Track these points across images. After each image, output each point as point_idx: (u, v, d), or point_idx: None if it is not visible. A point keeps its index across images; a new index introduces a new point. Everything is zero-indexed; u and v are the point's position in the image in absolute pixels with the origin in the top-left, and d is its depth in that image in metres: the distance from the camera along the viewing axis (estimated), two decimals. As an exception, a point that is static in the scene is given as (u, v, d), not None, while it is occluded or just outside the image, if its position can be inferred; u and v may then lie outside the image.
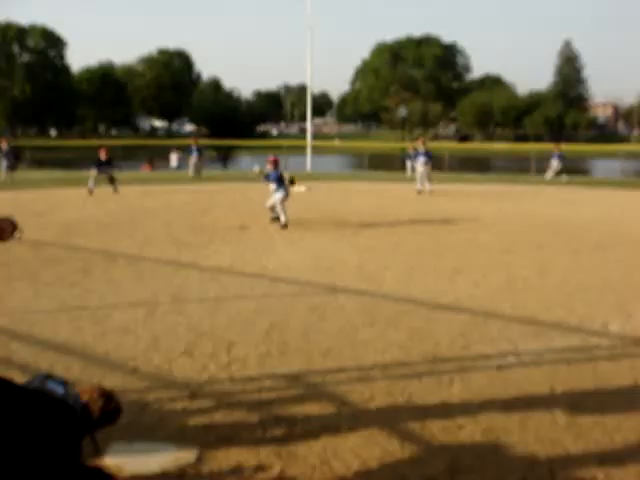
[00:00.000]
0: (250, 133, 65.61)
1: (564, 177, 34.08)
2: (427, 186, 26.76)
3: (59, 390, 3.05)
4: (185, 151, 41.15)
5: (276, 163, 17.14)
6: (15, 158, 33.36)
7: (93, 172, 26.29)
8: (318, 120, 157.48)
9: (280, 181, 16.93)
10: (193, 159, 35.62)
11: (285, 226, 16.55)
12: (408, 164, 36.70)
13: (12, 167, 32.27)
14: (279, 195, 16.88)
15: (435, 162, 28.65)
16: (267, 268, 11.93)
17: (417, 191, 26.88)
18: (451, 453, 4.96)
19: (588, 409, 5.77)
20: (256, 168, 17.90)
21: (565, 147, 45.00)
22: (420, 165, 27.43)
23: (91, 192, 25.06)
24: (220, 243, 14.44)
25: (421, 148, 28.24)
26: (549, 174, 35.03)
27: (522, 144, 78.57)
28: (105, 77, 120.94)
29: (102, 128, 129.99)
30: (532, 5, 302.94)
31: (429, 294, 10.01)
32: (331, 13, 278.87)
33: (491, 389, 6.23)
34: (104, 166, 26.88)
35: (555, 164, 35.14)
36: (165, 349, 7.20)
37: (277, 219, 16.88)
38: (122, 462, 4.70)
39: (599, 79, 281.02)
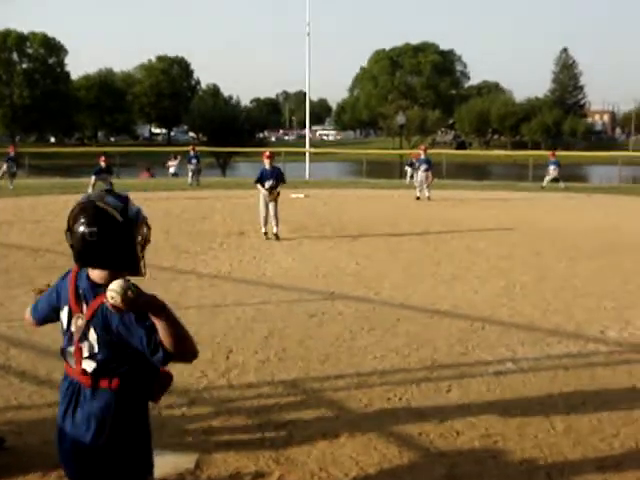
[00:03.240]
0: (249, 140, 65.48)
1: (561, 184, 34.12)
2: (425, 193, 26.80)
3: (118, 202, 3.08)
4: (183, 158, 41.13)
5: (272, 158, 16.61)
6: (17, 166, 33.43)
7: (92, 179, 26.36)
8: (317, 127, 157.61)
9: (275, 181, 16.14)
10: (192, 166, 35.57)
11: (265, 234, 15.87)
12: (408, 171, 36.66)
13: (14, 174, 32.34)
14: (266, 190, 16.03)
15: (434, 169, 28.67)
16: (266, 275, 11.94)
17: (416, 197, 26.94)
18: (449, 459, 4.97)
19: (586, 415, 5.78)
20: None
21: (562, 154, 45.06)
22: (421, 172, 27.51)
23: None
24: (219, 250, 14.45)
25: (422, 155, 28.33)
26: (546, 181, 35.03)
27: (520, 151, 78.62)
28: (104, 84, 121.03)
29: (101, 135, 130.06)
30: (530, 12, 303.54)
31: (427, 300, 10.03)
32: (330, 21, 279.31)
33: (489, 395, 6.24)
34: (104, 173, 26.96)
35: (551, 171, 35.15)
36: (164, 356, 7.20)
37: (276, 236, 15.85)
38: (121, 468, 4.69)
39: (596, 86, 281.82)
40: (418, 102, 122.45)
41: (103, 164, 27.17)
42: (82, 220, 3.00)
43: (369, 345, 7.75)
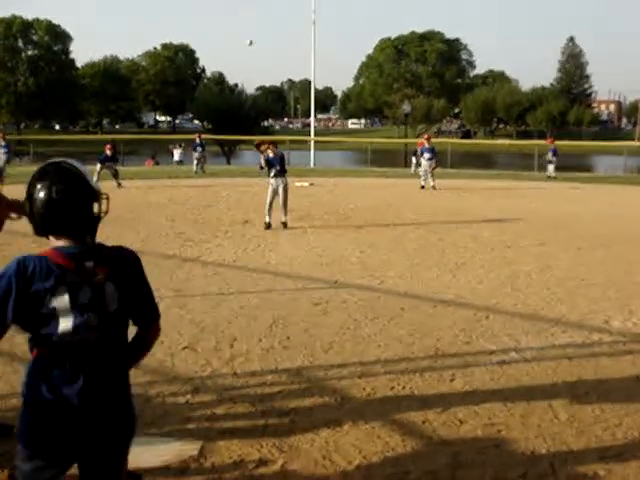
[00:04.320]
0: (254, 128, 65.45)
1: (551, 171, 34.15)
2: (430, 182, 26.79)
3: (82, 166, 3.01)
4: (189, 145, 41.14)
5: (275, 146, 16.56)
6: (9, 152, 33.28)
7: (98, 167, 26.32)
8: (322, 115, 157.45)
9: (281, 166, 16.05)
10: (197, 154, 35.57)
11: (269, 226, 15.72)
12: (413, 160, 36.60)
13: (8, 160, 32.27)
14: (276, 183, 15.96)
15: (439, 158, 28.70)
16: (270, 263, 11.95)
17: (420, 186, 26.93)
18: (453, 448, 4.98)
19: (589, 405, 5.79)
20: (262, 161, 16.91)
21: (567, 143, 44.88)
22: (424, 161, 27.56)
23: None
24: (223, 238, 14.46)
25: (426, 144, 28.34)
26: (551, 170, 34.85)
27: (525, 141, 78.39)
28: (109, 72, 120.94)
29: (106, 123, 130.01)
30: (536, 1, 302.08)
31: (431, 289, 10.03)
32: (335, 9, 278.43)
33: (493, 384, 6.25)
34: (109, 161, 26.93)
35: (550, 158, 34.99)
36: (168, 343, 7.22)
37: (285, 224, 15.84)
38: (125, 455, 4.72)
39: (603, 75, 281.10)
40: (424, 91, 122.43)
41: (109, 152, 27.13)
42: (46, 181, 2.90)
43: (373, 334, 7.76)
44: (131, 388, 3.25)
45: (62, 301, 2.88)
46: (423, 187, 26.86)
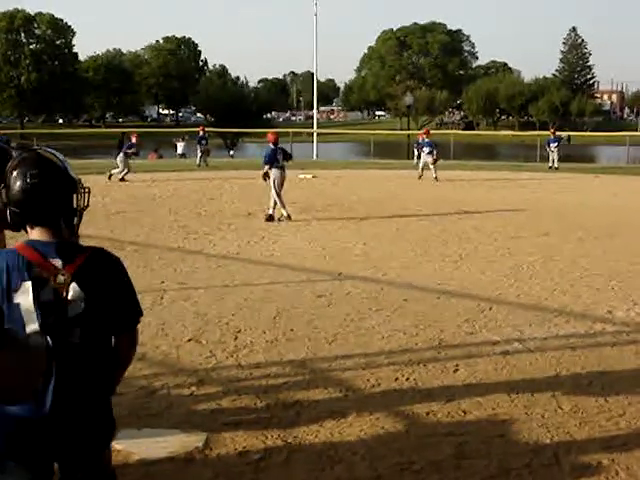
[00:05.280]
0: (256, 121, 65.40)
1: (555, 161, 34.15)
2: (432, 173, 26.85)
3: (61, 157, 2.95)
4: (191, 138, 41.12)
5: (276, 138, 16.66)
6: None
7: (120, 158, 25.88)
8: (324, 108, 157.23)
9: (282, 156, 16.22)
10: (200, 147, 35.53)
11: (270, 218, 15.78)
12: (415, 152, 36.59)
13: None
14: (275, 175, 15.99)
15: (440, 149, 28.81)
16: (274, 255, 11.96)
17: (418, 176, 27.19)
18: (457, 438, 5.00)
19: (593, 395, 5.80)
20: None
21: (570, 134, 44.71)
22: (424, 155, 27.85)
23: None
24: (227, 230, 14.48)
25: (424, 138, 28.59)
26: (554, 161, 34.77)
27: (528, 132, 78.19)
28: (112, 65, 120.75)
29: (109, 116, 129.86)
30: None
31: (435, 281, 10.04)
32: (337, 0, 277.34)
33: (496, 375, 6.26)
34: (130, 149, 26.45)
35: (553, 148, 34.92)
36: (173, 336, 7.25)
37: (289, 217, 15.80)
38: (131, 447, 4.75)
39: (605, 66, 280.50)
40: (426, 82, 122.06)
41: (134, 139, 26.68)
42: (22, 168, 2.81)
43: (377, 325, 7.77)
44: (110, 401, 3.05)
45: (26, 298, 2.77)
46: (420, 177, 27.13)
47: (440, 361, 6.62)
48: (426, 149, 27.65)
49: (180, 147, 48.16)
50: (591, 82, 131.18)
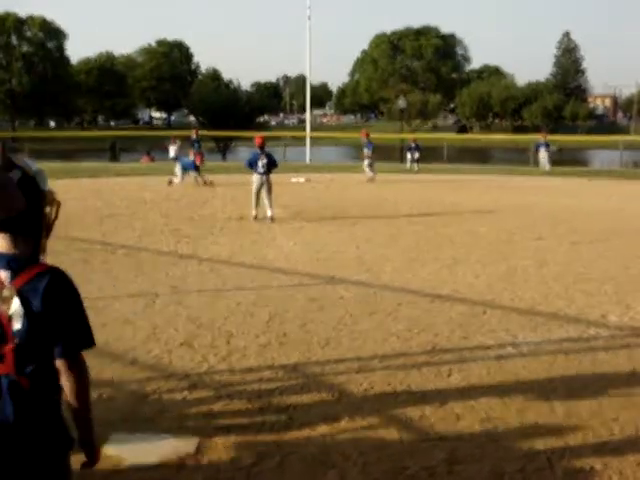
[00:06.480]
0: (249, 124, 65.44)
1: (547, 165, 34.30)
2: (367, 174, 28.23)
3: (31, 164, 2.81)
4: (183, 142, 41.06)
5: (262, 142, 16.85)
6: None
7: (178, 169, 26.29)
8: (317, 111, 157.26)
9: (265, 162, 16.46)
10: (194, 150, 35.39)
11: (255, 217, 16.24)
12: (408, 155, 36.67)
13: None
14: (254, 180, 16.48)
15: (434, 153, 28.97)
16: (266, 259, 11.93)
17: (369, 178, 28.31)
18: (450, 443, 4.98)
19: (586, 399, 5.79)
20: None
21: (563, 138, 44.87)
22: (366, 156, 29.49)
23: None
24: (219, 234, 14.45)
25: (365, 139, 30.41)
26: (546, 163, 34.86)
27: (521, 135, 78.32)
28: (104, 68, 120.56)
29: (101, 119, 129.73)
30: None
31: (428, 285, 10.02)
32: (331, 4, 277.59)
33: (490, 379, 6.25)
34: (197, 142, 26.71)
35: (543, 153, 35.03)
36: (165, 340, 7.22)
37: (255, 217, 16.28)
38: (122, 452, 4.72)
39: (598, 70, 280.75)
40: (419, 86, 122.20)
41: (194, 136, 26.98)
42: None
43: (370, 329, 7.75)
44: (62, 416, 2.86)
45: None
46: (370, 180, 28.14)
47: (433, 365, 6.60)
48: (366, 150, 29.35)
49: (172, 150, 48.09)
50: (584, 86, 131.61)
